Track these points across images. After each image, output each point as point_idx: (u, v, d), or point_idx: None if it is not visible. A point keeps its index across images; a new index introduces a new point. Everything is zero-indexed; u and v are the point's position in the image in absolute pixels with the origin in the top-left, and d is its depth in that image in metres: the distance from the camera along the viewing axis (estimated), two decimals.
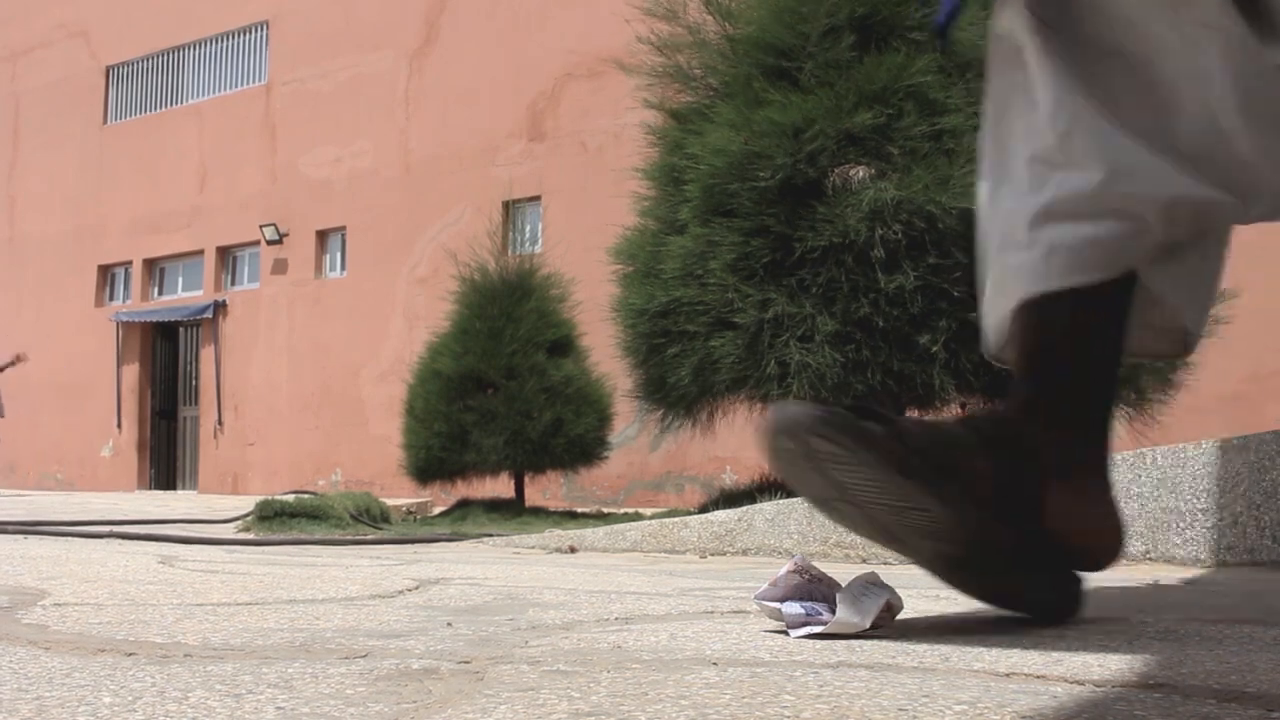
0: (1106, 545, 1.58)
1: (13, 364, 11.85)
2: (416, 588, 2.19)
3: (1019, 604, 1.59)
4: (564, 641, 1.41)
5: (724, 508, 4.49)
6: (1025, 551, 1.51)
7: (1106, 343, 1.56)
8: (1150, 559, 3.21)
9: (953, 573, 1.54)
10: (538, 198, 14.56)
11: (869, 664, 1.21)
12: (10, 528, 4.99)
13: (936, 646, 1.34)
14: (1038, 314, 1.55)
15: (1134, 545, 3.25)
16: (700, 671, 1.16)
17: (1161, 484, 3.28)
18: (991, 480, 1.48)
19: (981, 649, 1.32)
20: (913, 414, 5.52)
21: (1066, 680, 1.12)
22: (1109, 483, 1.58)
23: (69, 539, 4.45)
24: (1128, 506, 3.30)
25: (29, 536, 4.56)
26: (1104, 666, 1.20)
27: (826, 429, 1.40)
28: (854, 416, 1.43)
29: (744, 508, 4.11)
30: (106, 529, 5.05)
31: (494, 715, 0.94)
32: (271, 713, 0.95)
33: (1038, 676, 1.14)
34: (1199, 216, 1.52)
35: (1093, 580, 1.64)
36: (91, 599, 1.92)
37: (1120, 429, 5.50)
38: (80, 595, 1.98)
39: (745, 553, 3.87)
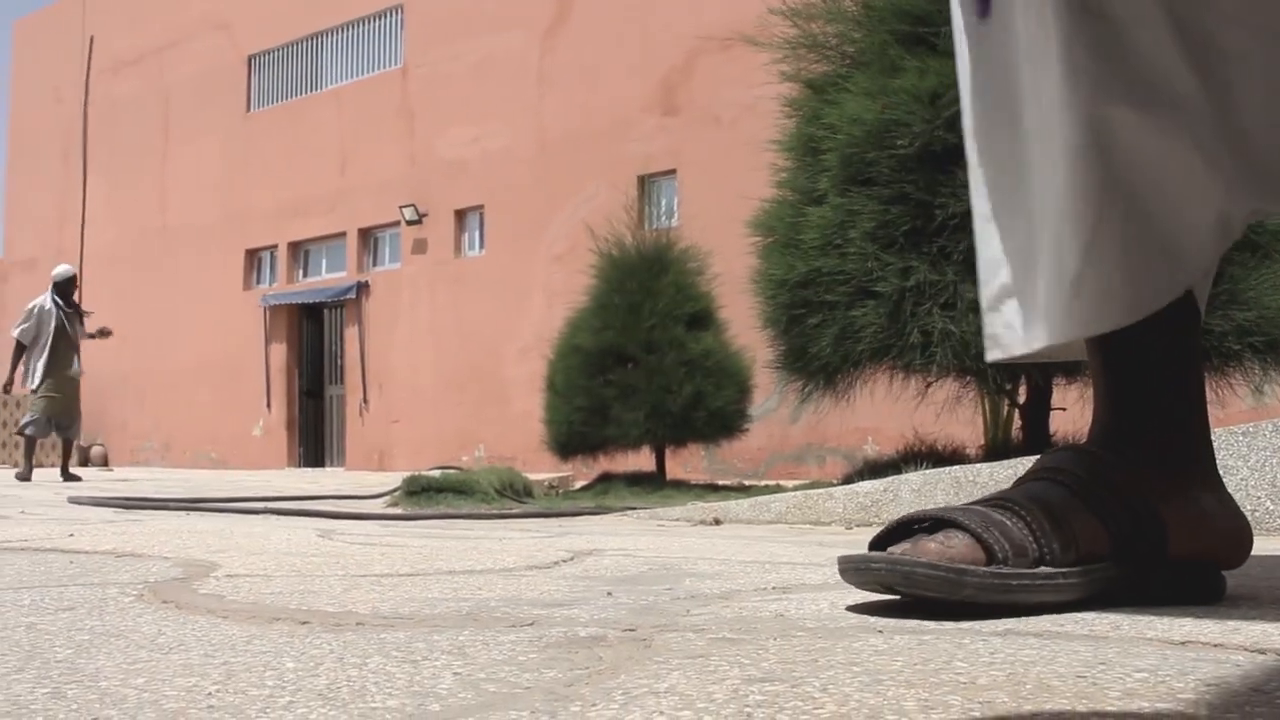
0: (1238, 550, 1.47)
1: (99, 336, 12.18)
2: (571, 559, 2.22)
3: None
4: (725, 610, 1.42)
5: (868, 478, 4.46)
6: (1154, 582, 1.41)
7: (1176, 349, 1.45)
8: None
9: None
10: (673, 172, 14.57)
11: (1038, 632, 1.19)
12: (173, 504, 5.19)
13: (1105, 615, 1.31)
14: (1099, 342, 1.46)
15: None
16: (867, 639, 1.16)
17: None
18: (1107, 540, 1.39)
19: (1153, 618, 1.29)
20: (1059, 382, 5.41)
21: (1247, 649, 1.09)
22: (1219, 486, 1.46)
23: (228, 515, 4.59)
24: None
25: (190, 513, 4.72)
26: None
27: (916, 588, 1.33)
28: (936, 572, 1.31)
29: (889, 478, 4.07)
30: (262, 505, 5.20)
31: (667, 681, 0.95)
32: (449, 678, 0.97)
33: (1215, 645, 1.11)
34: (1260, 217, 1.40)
35: (1264, 549, 1.59)
36: (260, 570, 1.98)
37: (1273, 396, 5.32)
38: (249, 567, 2.04)
39: None
